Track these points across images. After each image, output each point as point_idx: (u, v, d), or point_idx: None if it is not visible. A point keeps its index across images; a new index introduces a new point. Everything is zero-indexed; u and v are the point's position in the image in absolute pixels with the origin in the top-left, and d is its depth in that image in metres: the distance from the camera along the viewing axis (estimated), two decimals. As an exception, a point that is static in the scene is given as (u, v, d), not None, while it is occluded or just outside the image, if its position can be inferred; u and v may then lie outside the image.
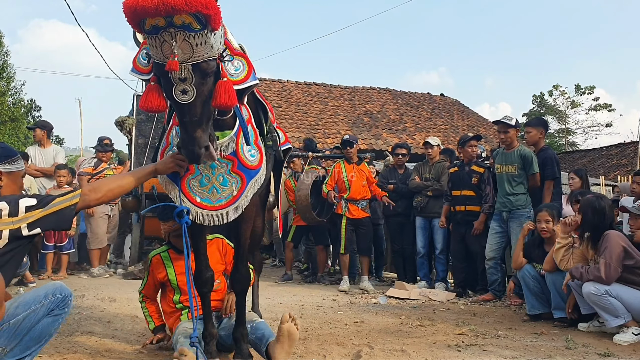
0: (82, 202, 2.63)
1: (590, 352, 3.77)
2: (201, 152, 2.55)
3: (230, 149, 2.98)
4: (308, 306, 5.68)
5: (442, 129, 18.34)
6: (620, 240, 4.23)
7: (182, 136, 2.58)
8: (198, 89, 2.52)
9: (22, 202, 2.54)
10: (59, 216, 2.57)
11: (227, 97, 2.58)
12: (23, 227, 2.50)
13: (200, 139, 2.54)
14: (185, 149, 2.57)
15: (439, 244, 7.09)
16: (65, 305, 2.70)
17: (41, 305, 2.60)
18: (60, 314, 2.67)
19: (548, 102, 33.95)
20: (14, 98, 24.73)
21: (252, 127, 3.17)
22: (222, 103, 2.58)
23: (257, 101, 3.47)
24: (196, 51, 2.44)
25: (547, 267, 4.88)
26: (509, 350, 3.82)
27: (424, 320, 4.91)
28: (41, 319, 2.59)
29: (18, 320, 2.55)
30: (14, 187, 2.80)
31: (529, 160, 6.01)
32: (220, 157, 2.97)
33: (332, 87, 20.33)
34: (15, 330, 2.56)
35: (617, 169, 18.37)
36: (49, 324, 2.62)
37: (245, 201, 3.06)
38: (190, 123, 2.53)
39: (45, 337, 2.64)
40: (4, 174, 2.78)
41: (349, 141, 7.27)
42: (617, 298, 4.10)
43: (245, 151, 3.05)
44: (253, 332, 3.34)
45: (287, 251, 8.09)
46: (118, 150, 27.10)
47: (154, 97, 2.60)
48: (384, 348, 3.73)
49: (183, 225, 2.92)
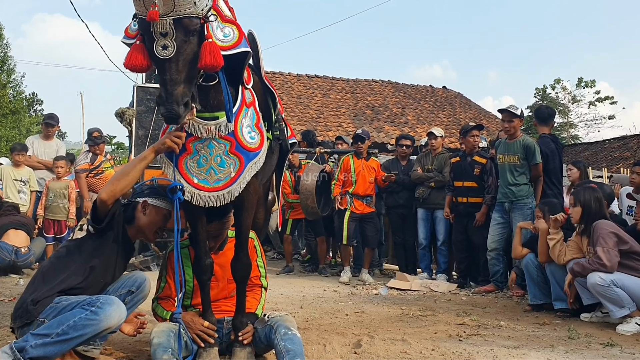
0: (101, 205, 2.88)
1: (593, 342, 3.74)
2: (179, 110, 2.49)
3: (228, 129, 2.95)
4: (309, 297, 5.66)
5: (445, 122, 18.27)
6: (610, 228, 4.26)
7: (161, 94, 2.53)
8: (179, 46, 2.50)
9: None
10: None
11: (213, 58, 2.55)
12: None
13: (178, 95, 2.49)
14: (163, 106, 2.51)
15: (441, 236, 7.06)
16: (141, 290, 3.16)
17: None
18: (90, 311, 2.69)
19: (550, 96, 33.84)
20: (14, 91, 24.72)
21: (254, 109, 3.13)
22: (208, 63, 2.55)
23: (265, 87, 3.43)
24: (177, 5, 2.43)
25: (542, 258, 4.89)
26: (511, 340, 3.79)
27: (425, 311, 4.88)
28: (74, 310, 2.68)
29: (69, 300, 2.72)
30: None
31: (531, 151, 5.96)
32: (218, 138, 2.94)
33: (333, 80, 20.25)
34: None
35: (619, 162, 18.29)
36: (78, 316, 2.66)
37: (243, 183, 3.01)
38: (170, 80, 2.50)
39: (81, 335, 2.63)
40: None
41: (360, 136, 7.22)
42: (622, 288, 4.07)
43: (245, 133, 3.01)
44: (284, 339, 2.95)
45: (286, 244, 8.07)
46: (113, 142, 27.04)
47: (136, 55, 2.58)
48: (385, 338, 3.69)
49: (175, 201, 2.89)
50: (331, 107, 17.94)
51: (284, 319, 3.09)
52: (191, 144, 2.97)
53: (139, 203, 3.13)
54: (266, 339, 3.09)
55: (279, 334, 2.97)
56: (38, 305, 2.71)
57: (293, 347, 2.89)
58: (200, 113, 2.90)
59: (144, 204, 3.12)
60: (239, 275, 3.24)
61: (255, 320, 3.26)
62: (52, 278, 2.84)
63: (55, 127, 8.36)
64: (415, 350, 3.44)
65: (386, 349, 3.43)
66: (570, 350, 3.51)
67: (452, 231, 6.97)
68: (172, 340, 2.91)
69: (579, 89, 33.13)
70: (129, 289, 3.15)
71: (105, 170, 7.59)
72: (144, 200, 3.12)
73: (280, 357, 2.87)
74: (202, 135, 2.93)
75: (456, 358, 3.30)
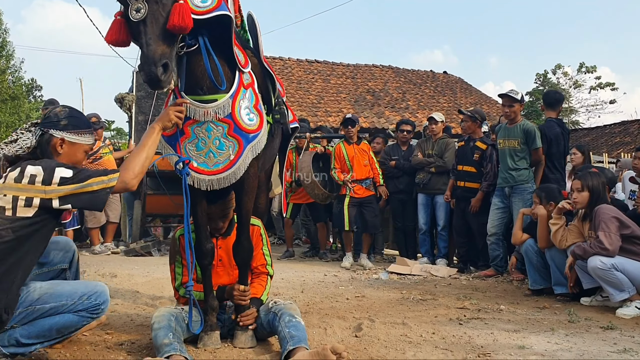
0: (120, 185, 2.56)
1: (592, 326, 3.75)
2: (158, 72, 2.48)
3: (226, 111, 2.94)
4: (309, 281, 5.67)
5: (445, 107, 18.20)
6: (612, 212, 4.25)
7: (141, 58, 2.55)
8: (150, 7, 2.53)
9: (58, 171, 2.47)
10: (94, 197, 2.49)
11: (181, 18, 2.57)
12: (54, 199, 2.43)
13: (155, 56, 2.49)
14: (142, 69, 2.52)
15: (441, 221, 7.06)
16: (96, 312, 2.66)
17: (72, 304, 2.57)
18: (87, 317, 2.63)
19: (551, 81, 33.69)
20: (14, 76, 24.65)
21: (253, 91, 3.12)
22: (175, 23, 2.56)
23: (264, 69, 3.41)
24: None
25: (541, 244, 4.90)
26: (511, 324, 3.80)
27: (426, 295, 4.90)
28: (66, 314, 2.56)
29: (43, 308, 2.52)
30: (72, 158, 2.70)
31: (531, 135, 5.95)
32: (216, 120, 2.93)
33: (334, 65, 20.14)
34: (36, 316, 2.53)
35: (620, 147, 18.29)
36: (73, 322, 2.59)
37: (243, 165, 3.02)
38: (145, 43, 2.51)
39: (64, 334, 2.60)
40: (66, 142, 2.69)
41: (351, 120, 7.20)
42: (623, 272, 4.08)
43: (243, 114, 3.00)
44: (288, 326, 2.95)
45: (287, 228, 8.08)
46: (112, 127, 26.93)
47: (115, 28, 2.63)
48: (385, 321, 3.71)
49: (183, 176, 2.87)
50: (331, 93, 17.87)
51: (288, 307, 3.10)
52: (189, 128, 2.97)
53: (54, 138, 2.68)
54: (269, 326, 3.11)
55: (283, 321, 2.98)
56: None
57: (297, 334, 2.90)
58: (198, 96, 2.90)
59: (60, 140, 2.70)
60: (240, 258, 3.25)
61: (260, 305, 3.28)
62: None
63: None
64: (416, 333, 3.46)
65: (387, 332, 3.44)
66: (571, 333, 3.53)
67: (452, 216, 6.99)
68: (173, 324, 2.92)
69: (580, 74, 32.96)
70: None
71: (104, 155, 7.57)
72: (61, 137, 2.70)
73: (284, 343, 2.88)
74: (199, 118, 2.93)
75: (456, 341, 3.32)
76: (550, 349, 3.15)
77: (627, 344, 3.26)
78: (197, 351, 3.03)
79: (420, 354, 3.02)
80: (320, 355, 2.62)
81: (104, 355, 2.90)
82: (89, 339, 3.21)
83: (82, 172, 2.53)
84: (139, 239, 8.17)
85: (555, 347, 3.20)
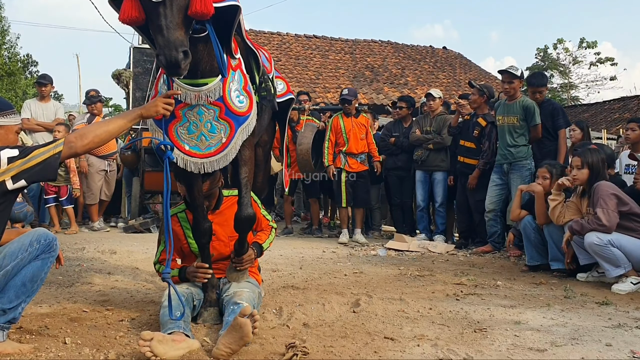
0: (67, 149, 2.53)
1: (588, 301, 3.79)
2: (179, 57, 2.42)
3: (217, 94, 2.92)
4: (308, 258, 5.71)
5: (444, 83, 18.11)
6: (611, 189, 4.26)
7: (159, 41, 2.46)
8: None
9: (4, 153, 2.47)
10: (44, 166, 2.48)
11: (203, 5, 2.51)
12: (7, 180, 2.44)
13: (177, 40, 2.43)
14: (162, 54, 2.43)
15: (439, 197, 7.08)
16: (52, 249, 2.67)
17: (28, 254, 2.58)
18: (47, 257, 2.65)
19: (551, 56, 33.47)
20: (9, 52, 24.44)
21: (241, 72, 3.10)
22: (198, 10, 2.50)
23: (247, 49, 3.36)
24: None
25: (540, 220, 4.91)
26: (507, 300, 3.84)
27: (423, 271, 4.93)
28: (29, 265, 2.59)
29: (7, 271, 2.55)
30: (5, 142, 2.69)
31: (531, 112, 5.92)
32: (207, 104, 2.93)
33: (332, 40, 19.96)
34: (6, 281, 2.56)
35: (619, 123, 18.20)
36: (38, 267, 2.61)
37: (234, 148, 3.02)
38: (166, 26, 2.43)
39: (37, 282, 2.63)
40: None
41: (346, 99, 7.15)
42: (619, 248, 4.11)
43: (233, 97, 3.00)
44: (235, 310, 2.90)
45: (286, 205, 8.09)
46: (110, 104, 26.79)
47: (129, 6, 2.52)
48: (383, 297, 3.74)
49: (165, 160, 2.84)
50: (330, 68, 17.75)
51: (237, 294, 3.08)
52: (180, 111, 2.96)
53: None
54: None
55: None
56: None
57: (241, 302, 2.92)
58: (191, 80, 2.87)
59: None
60: (239, 228, 3.19)
61: (261, 251, 3.36)
62: None
63: (49, 86, 8.23)
64: (413, 309, 3.49)
65: (384, 308, 3.48)
66: (566, 309, 3.56)
67: (450, 193, 7.01)
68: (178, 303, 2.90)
69: (581, 50, 32.74)
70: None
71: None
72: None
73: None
74: (191, 102, 2.92)
75: (453, 317, 3.35)
76: (545, 324, 3.19)
77: (621, 319, 3.30)
78: (197, 327, 3.07)
79: (417, 329, 3.06)
80: (235, 327, 2.54)
81: (104, 332, 2.93)
82: (89, 316, 3.25)
83: (27, 149, 2.54)
84: (138, 215, 8.19)
85: (550, 322, 3.24)
